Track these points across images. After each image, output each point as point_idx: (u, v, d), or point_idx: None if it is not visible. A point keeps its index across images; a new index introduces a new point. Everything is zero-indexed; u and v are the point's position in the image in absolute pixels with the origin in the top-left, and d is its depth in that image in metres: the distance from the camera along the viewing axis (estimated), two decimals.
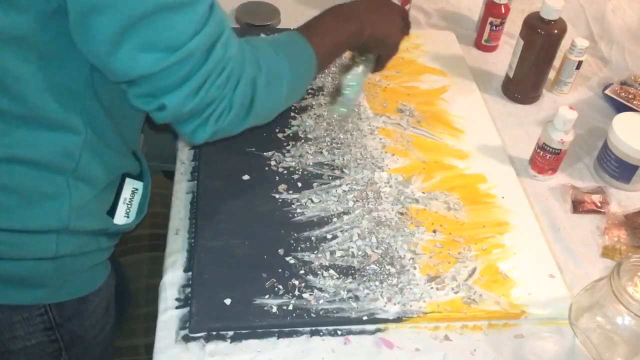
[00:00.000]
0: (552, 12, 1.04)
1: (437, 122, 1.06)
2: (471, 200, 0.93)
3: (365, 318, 0.77)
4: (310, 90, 1.07)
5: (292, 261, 0.82)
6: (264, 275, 0.80)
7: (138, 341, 0.96)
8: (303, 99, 1.05)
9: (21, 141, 0.68)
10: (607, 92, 1.17)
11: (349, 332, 0.77)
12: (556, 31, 1.06)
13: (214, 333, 0.75)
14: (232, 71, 0.70)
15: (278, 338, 0.76)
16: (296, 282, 0.79)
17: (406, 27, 0.97)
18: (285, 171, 0.93)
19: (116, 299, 0.91)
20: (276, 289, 0.79)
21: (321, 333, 0.77)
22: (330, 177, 0.93)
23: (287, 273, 0.80)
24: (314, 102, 1.05)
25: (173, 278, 0.81)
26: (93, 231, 0.78)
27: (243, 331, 0.76)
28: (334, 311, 0.77)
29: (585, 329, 0.78)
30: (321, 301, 0.78)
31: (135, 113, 0.80)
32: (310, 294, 0.78)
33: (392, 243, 0.86)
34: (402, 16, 0.95)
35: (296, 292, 0.78)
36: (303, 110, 1.03)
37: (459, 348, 0.77)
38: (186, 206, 0.90)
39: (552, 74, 1.16)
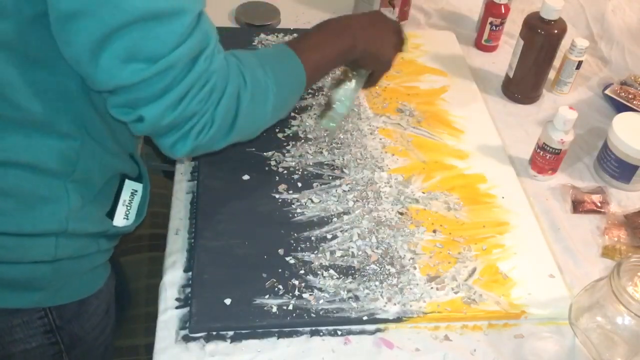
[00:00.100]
0: (552, 12, 1.04)
1: (437, 122, 1.06)
2: (471, 200, 0.93)
3: (365, 318, 0.77)
4: (310, 90, 1.07)
5: (292, 261, 0.82)
6: (264, 275, 0.80)
7: (138, 341, 0.96)
8: (303, 99, 1.05)
9: (17, 145, 0.67)
10: (607, 92, 1.16)
11: (349, 332, 0.77)
12: (556, 31, 1.06)
13: (214, 333, 0.75)
14: (215, 85, 0.68)
15: (278, 338, 0.76)
16: (296, 282, 0.79)
17: (400, 44, 0.95)
18: (285, 171, 0.93)
19: (116, 299, 0.91)
20: (276, 289, 0.79)
21: (321, 333, 0.77)
22: (330, 177, 0.93)
23: (287, 273, 0.80)
24: (314, 102, 1.05)
25: (173, 278, 0.81)
26: (92, 233, 0.78)
27: (243, 331, 0.76)
28: (334, 311, 0.77)
29: (585, 329, 0.78)
30: (321, 301, 0.78)
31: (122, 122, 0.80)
32: (310, 294, 0.78)
33: (392, 243, 0.86)
34: (397, 32, 0.93)
35: (296, 292, 0.78)
36: (303, 110, 1.03)
37: (459, 348, 0.77)
38: (186, 206, 0.90)
39: (552, 74, 1.16)
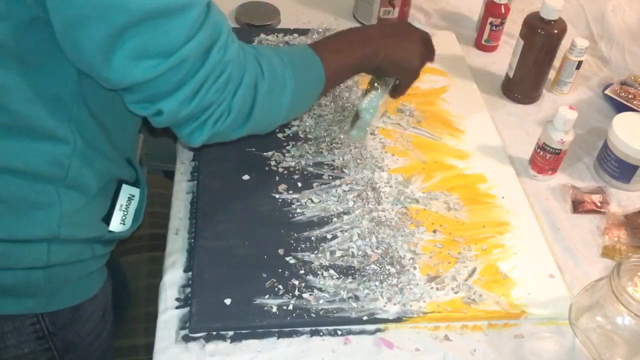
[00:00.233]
0: (552, 12, 1.04)
1: (437, 122, 1.06)
2: (471, 200, 0.93)
3: (365, 318, 0.77)
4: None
5: (292, 261, 0.82)
6: (264, 275, 0.80)
7: (138, 341, 0.96)
8: None
9: (7, 150, 0.67)
10: (607, 92, 1.16)
11: (349, 332, 0.77)
12: (556, 31, 1.06)
13: (214, 333, 0.75)
14: (231, 75, 0.69)
15: (278, 338, 0.76)
16: (296, 282, 0.79)
17: (430, 53, 0.94)
18: (285, 171, 0.93)
19: (116, 299, 0.91)
20: (276, 289, 0.79)
21: (321, 333, 0.77)
22: (330, 177, 0.93)
23: (287, 273, 0.80)
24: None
25: (173, 278, 0.81)
26: (86, 239, 0.77)
27: (243, 331, 0.76)
28: (334, 311, 0.77)
29: (585, 329, 0.78)
30: (321, 301, 0.78)
31: (127, 121, 0.79)
32: (310, 294, 0.78)
33: (392, 243, 0.86)
34: (424, 41, 0.92)
35: (296, 292, 0.78)
36: None
37: (459, 348, 0.77)
38: (186, 206, 0.90)
39: (552, 74, 1.16)
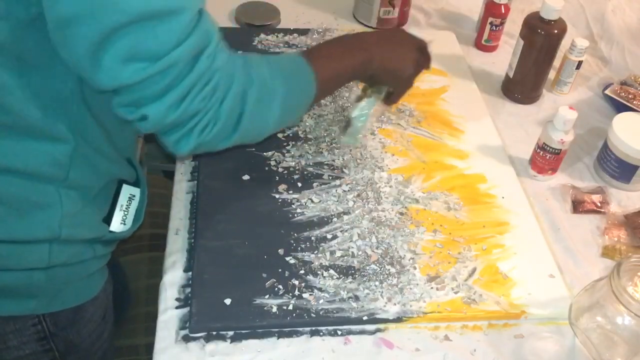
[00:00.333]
0: (552, 12, 1.04)
1: (437, 122, 1.06)
2: (471, 200, 0.93)
3: (365, 318, 0.77)
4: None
5: (292, 261, 0.82)
6: (264, 275, 0.80)
7: (138, 341, 0.96)
8: None
9: (8, 151, 0.66)
10: (607, 92, 1.16)
11: (349, 332, 0.77)
12: (556, 31, 1.06)
13: (214, 333, 0.75)
14: (219, 83, 0.67)
15: (278, 338, 0.76)
16: (296, 282, 0.79)
17: (424, 61, 0.92)
18: (285, 171, 0.93)
19: (116, 299, 0.91)
20: (276, 289, 0.79)
21: (321, 333, 0.77)
22: (330, 177, 0.93)
23: (287, 273, 0.80)
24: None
25: (173, 278, 0.81)
26: (87, 239, 0.77)
27: (243, 331, 0.76)
28: (334, 311, 0.77)
29: (585, 329, 0.78)
30: (321, 301, 0.78)
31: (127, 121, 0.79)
32: (310, 294, 0.78)
33: (392, 243, 0.86)
34: (420, 49, 0.91)
35: (296, 292, 0.78)
36: None
37: (459, 348, 0.77)
38: (186, 206, 0.89)
39: (552, 74, 1.16)
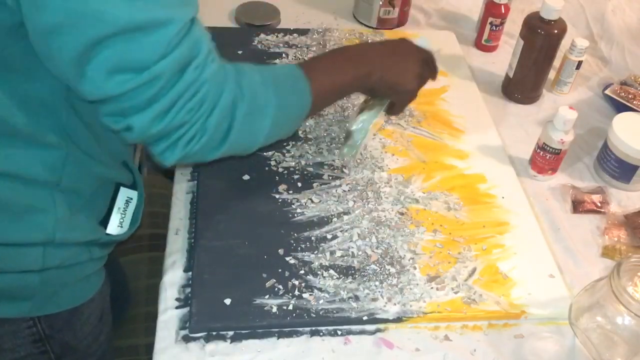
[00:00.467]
0: (552, 12, 1.04)
1: (437, 122, 1.06)
2: (471, 200, 0.93)
3: (365, 318, 0.77)
4: None
5: (292, 261, 0.82)
6: (264, 275, 0.80)
7: (138, 341, 0.96)
8: None
9: (1, 156, 0.66)
10: (607, 92, 1.16)
11: (349, 332, 0.77)
12: (556, 31, 1.06)
13: (214, 333, 0.75)
14: (207, 95, 0.66)
15: (278, 338, 0.76)
16: (296, 282, 0.79)
17: (428, 74, 0.91)
18: (285, 171, 0.93)
19: (116, 299, 0.91)
20: (276, 289, 0.79)
21: (321, 333, 0.77)
22: (330, 177, 0.93)
23: (287, 273, 0.80)
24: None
25: (173, 278, 0.81)
26: (83, 242, 0.76)
27: (243, 331, 0.76)
28: (334, 311, 0.77)
29: (585, 329, 0.78)
30: (321, 301, 0.78)
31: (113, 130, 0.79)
32: (310, 294, 0.78)
33: (392, 243, 0.86)
34: (424, 62, 0.89)
35: (296, 292, 0.78)
36: None
37: (459, 348, 0.77)
38: (186, 206, 0.90)
39: (552, 74, 1.16)
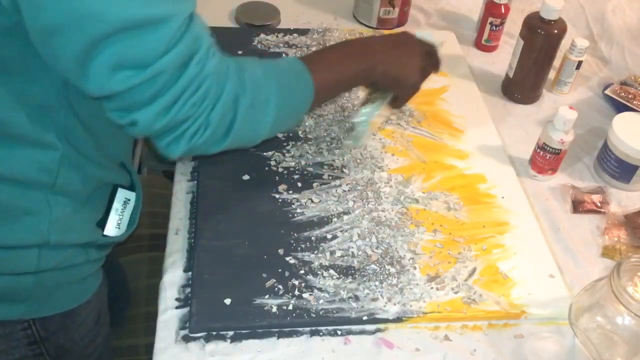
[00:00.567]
0: (552, 12, 1.04)
1: (437, 122, 1.06)
2: (471, 200, 0.93)
3: (365, 318, 0.77)
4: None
5: (292, 261, 0.82)
6: (264, 275, 0.80)
7: (138, 341, 0.96)
8: None
9: None
10: (607, 92, 1.16)
11: (349, 332, 0.77)
12: (556, 31, 1.06)
13: (214, 333, 0.75)
14: (209, 89, 0.67)
15: (278, 338, 0.76)
16: (296, 282, 0.79)
17: (431, 67, 0.91)
18: (285, 171, 0.93)
19: (116, 299, 0.91)
20: (276, 289, 0.79)
21: (321, 333, 0.77)
22: (330, 177, 0.93)
23: (287, 273, 0.80)
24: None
25: (173, 278, 0.81)
26: (80, 244, 0.76)
27: (243, 331, 0.76)
28: (334, 311, 0.77)
29: (585, 329, 0.78)
30: (321, 301, 0.78)
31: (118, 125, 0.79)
32: (310, 294, 0.78)
33: (392, 243, 0.86)
34: (426, 55, 0.90)
35: (296, 292, 0.78)
36: None
37: (459, 348, 0.77)
38: (186, 206, 0.89)
39: (552, 74, 1.16)
